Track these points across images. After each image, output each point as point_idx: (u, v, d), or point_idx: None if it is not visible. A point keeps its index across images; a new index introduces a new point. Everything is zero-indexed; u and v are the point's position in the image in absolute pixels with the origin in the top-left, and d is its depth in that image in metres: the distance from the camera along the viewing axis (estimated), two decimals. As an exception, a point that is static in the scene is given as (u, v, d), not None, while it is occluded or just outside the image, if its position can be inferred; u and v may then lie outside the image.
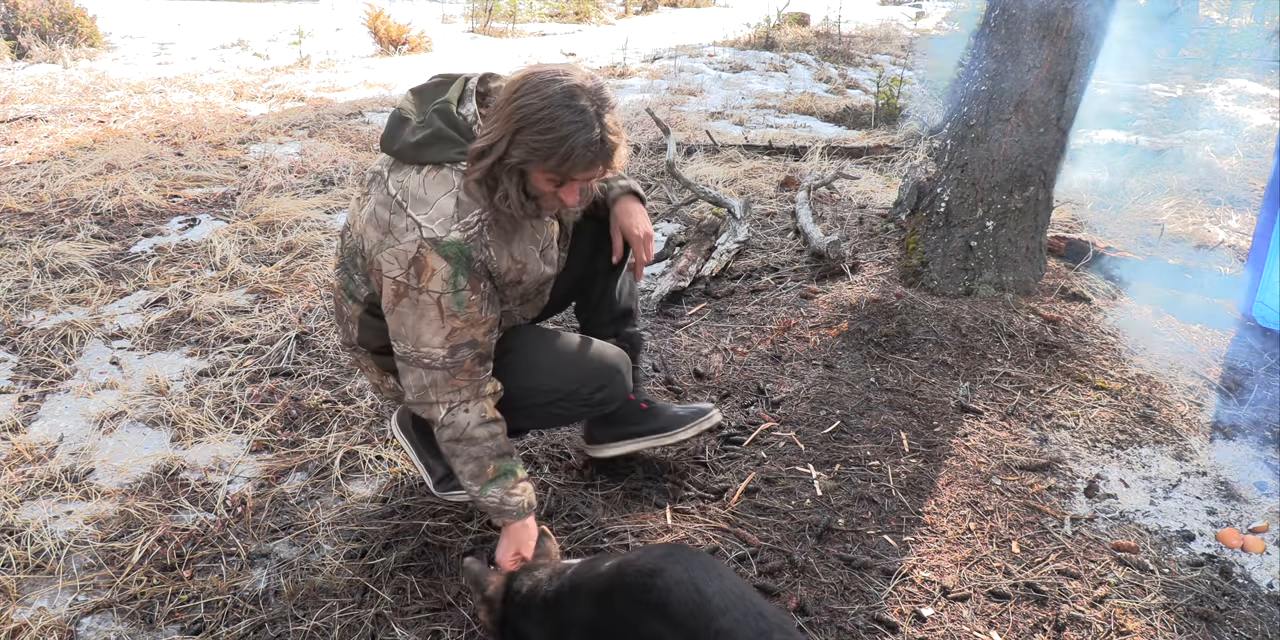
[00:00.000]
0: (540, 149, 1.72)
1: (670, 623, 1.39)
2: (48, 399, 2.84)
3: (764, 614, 1.41)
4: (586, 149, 1.72)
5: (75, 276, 3.59)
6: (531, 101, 1.71)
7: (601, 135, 1.73)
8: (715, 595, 1.39)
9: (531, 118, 1.70)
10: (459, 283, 1.82)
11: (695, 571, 1.45)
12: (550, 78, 1.72)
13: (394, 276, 1.82)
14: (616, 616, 1.49)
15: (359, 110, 6.51)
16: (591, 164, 1.76)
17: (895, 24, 12.04)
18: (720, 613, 1.37)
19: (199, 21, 10.85)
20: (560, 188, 1.83)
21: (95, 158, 4.92)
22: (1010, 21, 3.15)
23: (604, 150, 1.75)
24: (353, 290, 2.04)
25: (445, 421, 1.91)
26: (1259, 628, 2.01)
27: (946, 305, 3.20)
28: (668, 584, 1.42)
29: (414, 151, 1.84)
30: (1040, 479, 2.45)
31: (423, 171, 1.83)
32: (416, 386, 1.91)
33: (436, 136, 1.83)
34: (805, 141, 5.88)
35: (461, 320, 1.85)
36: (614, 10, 13.89)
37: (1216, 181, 5.17)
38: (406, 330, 1.87)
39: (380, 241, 1.83)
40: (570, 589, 1.60)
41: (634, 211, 2.19)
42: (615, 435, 2.40)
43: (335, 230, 4.18)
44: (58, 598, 2.05)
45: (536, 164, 1.75)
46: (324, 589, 2.07)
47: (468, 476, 1.94)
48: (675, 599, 1.40)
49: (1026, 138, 3.20)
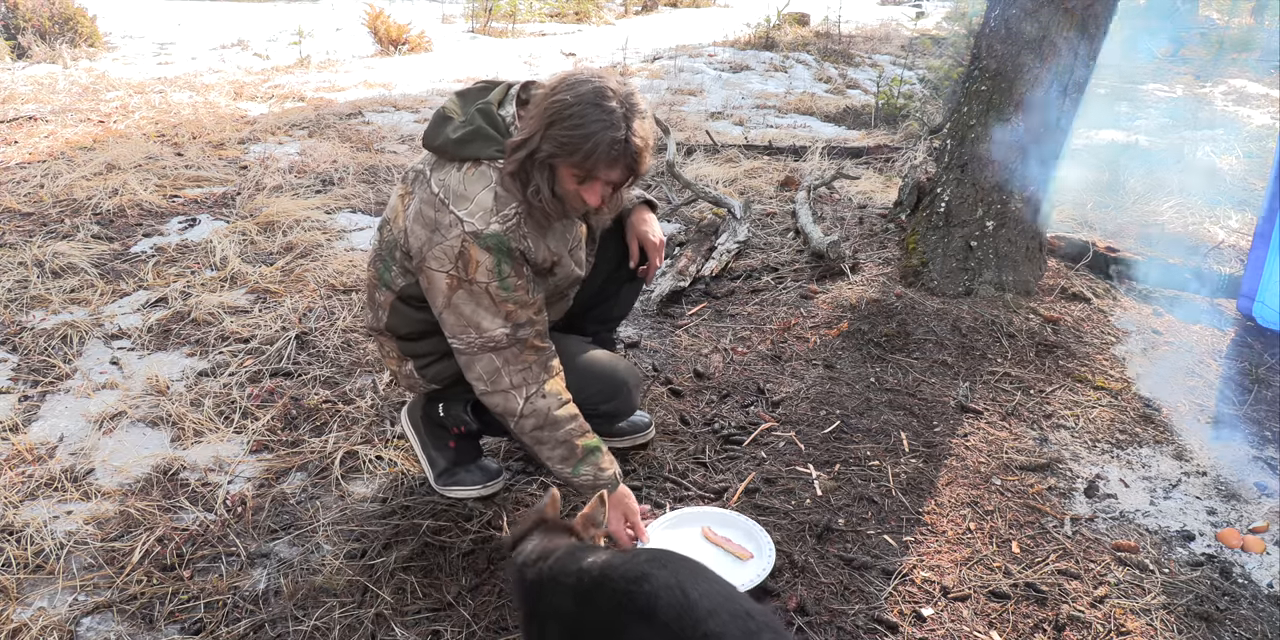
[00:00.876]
0: (567, 143, 1.80)
1: (657, 627, 1.38)
2: (48, 399, 2.84)
3: (752, 614, 1.40)
4: (610, 147, 1.79)
5: (75, 276, 3.59)
6: (564, 98, 1.80)
7: (626, 136, 1.81)
8: (702, 598, 1.39)
9: (562, 113, 1.79)
10: (503, 271, 1.91)
11: (682, 575, 1.44)
12: (584, 78, 1.83)
13: (446, 271, 1.91)
14: (600, 619, 1.48)
15: (359, 110, 6.51)
16: (613, 162, 1.83)
17: (895, 24, 12.04)
18: (708, 615, 1.36)
19: (199, 21, 10.85)
20: (582, 185, 1.89)
21: (95, 158, 4.92)
22: (1010, 21, 3.15)
23: (627, 151, 1.82)
24: (388, 280, 2.11)
25: (526, 411, 1.97)
26: (1259, 628, 2.00)
27: (946, 305, 3.20)
28: (654, 589, 1.41)
29: (455, 148, 1.94)
30: (1040, 479, 2.45)
31: (462, 168, 1.93)
32: (488, 374, 1.97)
33: (477, 134, 1.92)
34: (805, 141, 5.88)
35: (513, 304, 1.94)
36: (614, 10, 13.89)
37: (1216, 181, 5.17)
38: (465, 322, 1.94)
39: (429, 239, 1.92)
40: (550, 578, 1.59)
41: (649, 219, 2.35)
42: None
43: (335, 230, 4.18)
44: (58, 598, 2.05)
45: (563, 159, 1.83)
46: (324, 589, 2.07)
47: (558, 461, 2.00)
48: (662, 604, 1.39)
49: (1026, 138, 3.20)
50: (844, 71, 9.16)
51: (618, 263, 2.39)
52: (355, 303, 3.44)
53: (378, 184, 4.83)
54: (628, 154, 1.82)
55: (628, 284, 2.46)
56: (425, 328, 2.11)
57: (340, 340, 3.17)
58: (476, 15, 11.49)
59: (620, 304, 2.52)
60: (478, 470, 2.37)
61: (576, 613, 1.51)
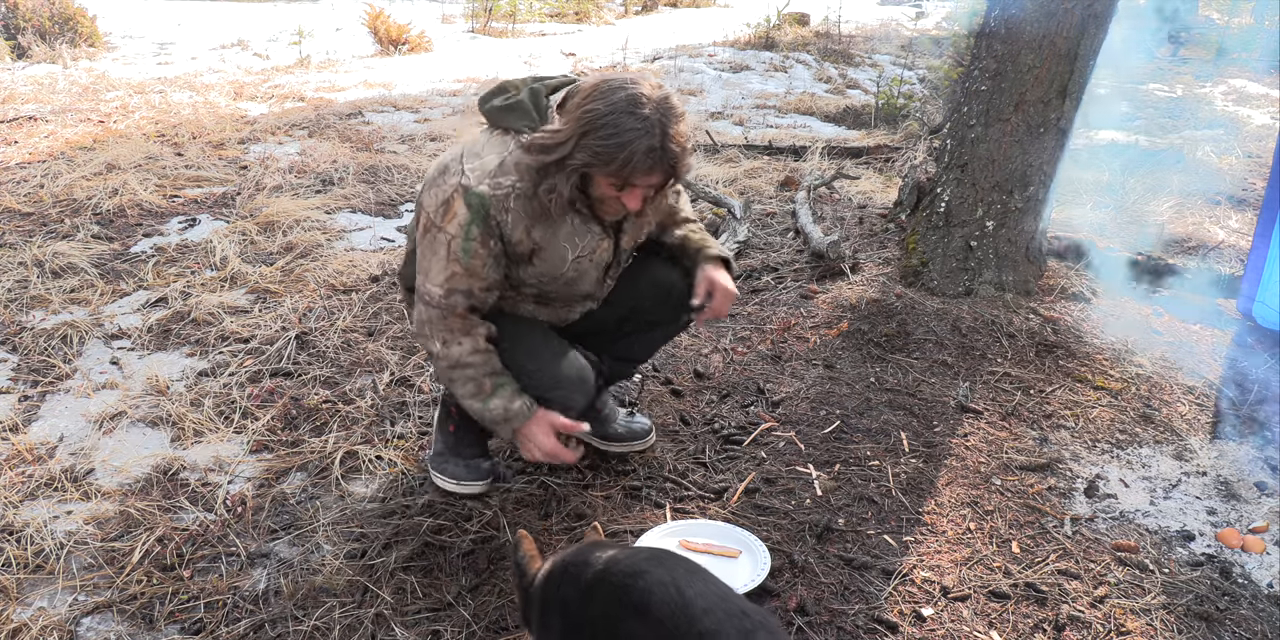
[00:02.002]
0: (602, 153, 1.81)
1: (649, 623, 1.39)
2: (48, 399, 2.84)
3: (747, 613, 1.41)
4: (647, 155, 1.80)
5: (75, 276, 3.59)
6: (597, 107, 1.80)
7: (662, 143, 1.81)
8: (698, 597, 1.40)
9: (595, 123, 1.80)
10: (471, 232, 1.94)
11: (678, 574, 1.45)
12: (618, 85, 1.82)
13: (429, 212, 1.98)
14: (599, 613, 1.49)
15: (359, 110, 6.51)
16: (651, 170, 1.83)
17: (895, 24, 12.04)
18: (704, 613, 1.37)
19: (199, 21, 10.85)
20: (621, 191, 1.91)
21: (95, 158, 4.92)
22: (1010, 21, 3.15)
23: (665, 157, 1.83)
24: (411, 229, 2.20)
25: (440, 354, 2.04)
26: (1259, 628, 2.00)
27: (946, 305, 3.20)
28: (649, 585, 1.42)
29: (496, 115, 2.02)
30: (1040, 479, 2.45)
31: (493, 133, 2.02)
32: (418, 320, 2.07)
33: (518, 107, 1.99)
34: (805, 141, 5.88)
35: (462, 267, 1.97)
36: (614, 10, 13.88)
37: (1216, 181, 5.17)
38: (424, 264, 2.02)
39: (434, 180, 2.01)
40: (561, 568, 1.60)
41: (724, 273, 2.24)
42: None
43: (335, 230, 4.18)
44: (58, 598, 2.05)
45: (599, 168, 1.84)
46: (324, 589, 2.07)
47: (468, 396, 2.04)
48: (656, 600, 1.40)
49: (1026, 138, 3.20)
50: (844, 71, 9.16)
51: (654, 302, 2.29)
52: (355, 303, 3.44)
53: (378, 184, 4.83)
54: (665, 160, 1.83)
55: (661, 328, 2.37)
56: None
57: (340, 340, 3.17)
58: (476, 15, 11.49)
59: (641, 344, 2.41)
60: (464, 466, 2.35)
61: (580, 604, 1.52)
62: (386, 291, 3.55)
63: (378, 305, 3.44)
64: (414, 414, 2.75)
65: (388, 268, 3.75)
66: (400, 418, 2.74)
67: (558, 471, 2.49)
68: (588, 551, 1.60)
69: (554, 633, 1.58)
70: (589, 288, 2.17)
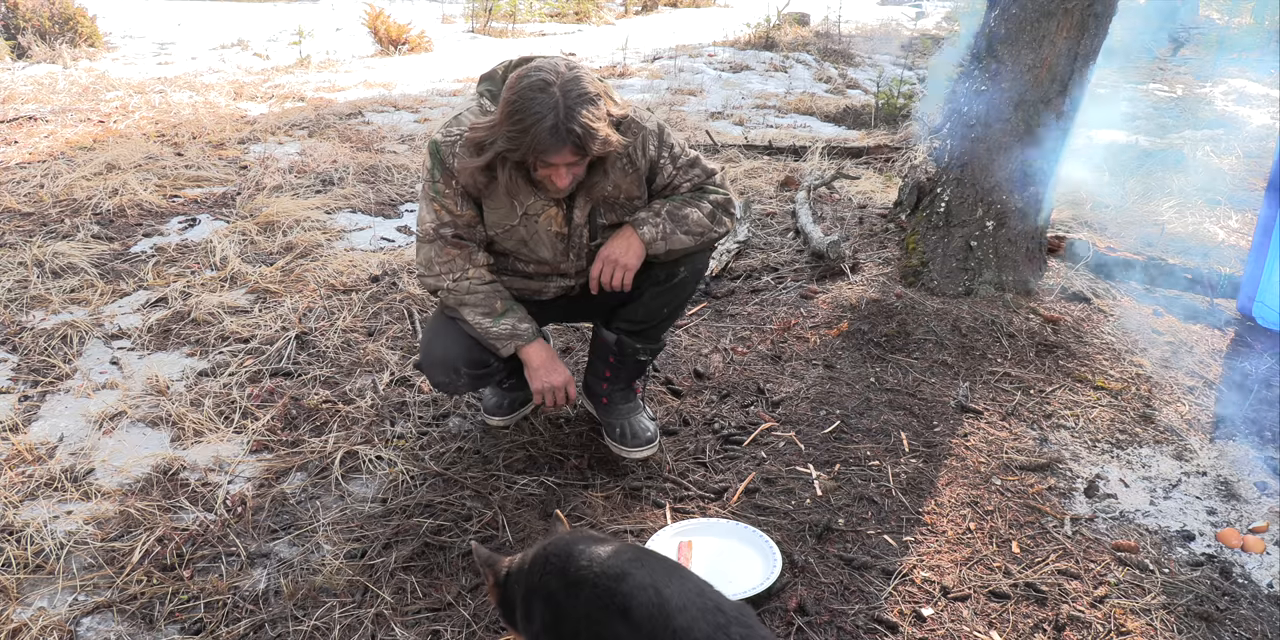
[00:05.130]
0: (514, 137, 1.93)
1: (633, 625, 1.43)
2: (48, 399, 2.84)
3: (722, 609, 1.43)
4: (551, 134, 1.90)
5: (75, 276, 3.59)
6: (509, 97, 1.94)
7: (565, 121, 1.89)
8: (674, 595, 1.43)
9: (507, 109, 1.93)
10: (435, 175, 2.18)
11: (657, 574, 1.49)
12: (530, 70, 1.95)
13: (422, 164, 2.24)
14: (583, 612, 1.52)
15: (359, 110, 6.51)
16: (558, 147, 1.92)
17: (895, 24, 12.03)
18: (678, 611, 1.40)
19: (199, 21, 10.84)
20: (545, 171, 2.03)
21: (95, 158, 4.92)
22: (1010, 21, 3.15)
23: (568, 135, 1.90)
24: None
25: (451, 287, 2.24)
26: (1259, 628, 2.01)
27: (946, 305, 3.20)
28: (630, 589, 1.46)
29: (479, 82, 2.22)
30: (1040, 479, 2.45)
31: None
32: (423, 261, 2.26)
33: (492, 75, 2.19)
34: (805, 141, 5.88)
35: (439, 206, 2.20)
36: (614, 10, 13.88)
37: (1216, 181, 5.16)
38: (419, 211, 2.26)
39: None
40: (543, 558, 1.62)
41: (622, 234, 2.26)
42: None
43: (335, 230, 4.18)
44: (58, 598, 2.05)
45: (515, 153, 1.97)
46: (324, 589, 2.07)
47: (480, 315, 2.24)
48: (636, 603, 1.44)
49: (1026, 137, 3.20)
50: (844, 71, 9.15)
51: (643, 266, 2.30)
52: (355, 303, 3.44)
53: (378, 184, 4.82)
54: (569, 137, 1.90)
55: (651, 288, 2.36)
56: None
57: (340, 340, 3.17)
58: (476, 15, 11.49)
59: (644, 307, 2.40)
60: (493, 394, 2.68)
61: (567, 597, 1.54)
62: (386, 291, 3.55)
63: (378, 305, 3.44)
64: (414, 414, 2.76)
65: (388, 268, 3.75)
66: (400, 418, 2.74)
67: (558, 471, 2.49)
68: (568, 544, 1.61)
69: (537, 621, 1.60)
70: (547, 255, 2.29)
